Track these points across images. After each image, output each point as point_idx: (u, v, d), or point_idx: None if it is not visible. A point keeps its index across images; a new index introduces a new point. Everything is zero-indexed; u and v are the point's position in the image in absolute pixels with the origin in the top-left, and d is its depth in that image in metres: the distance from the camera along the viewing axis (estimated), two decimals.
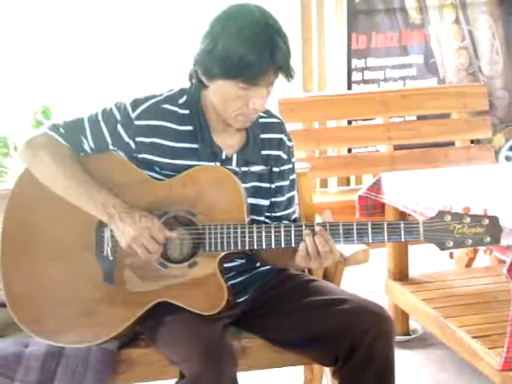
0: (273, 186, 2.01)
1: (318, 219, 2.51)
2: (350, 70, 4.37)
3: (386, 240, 1.79)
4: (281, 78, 1.84)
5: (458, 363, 2.82)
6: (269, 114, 2.04)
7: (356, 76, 4.39)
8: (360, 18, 4.33)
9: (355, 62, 4.37)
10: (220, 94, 1.83)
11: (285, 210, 2.05)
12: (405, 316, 3.12)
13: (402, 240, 1.79)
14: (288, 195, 2.05)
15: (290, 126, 2.09)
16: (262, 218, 2.00)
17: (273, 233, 1.82)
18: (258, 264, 2.05)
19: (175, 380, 1.81)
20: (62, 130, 1.92)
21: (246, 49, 1.74)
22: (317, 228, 1.79)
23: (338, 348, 1.85)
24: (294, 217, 2.09)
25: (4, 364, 1.91)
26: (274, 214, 2.03)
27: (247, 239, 1.82)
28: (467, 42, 4.52)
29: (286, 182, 2.04)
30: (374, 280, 3.47)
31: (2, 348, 1.96)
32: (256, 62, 1.74)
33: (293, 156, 2.08)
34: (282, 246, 1.82)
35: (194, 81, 1.89)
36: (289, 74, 1.82)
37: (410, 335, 3.16)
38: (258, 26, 1.76)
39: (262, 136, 2.00)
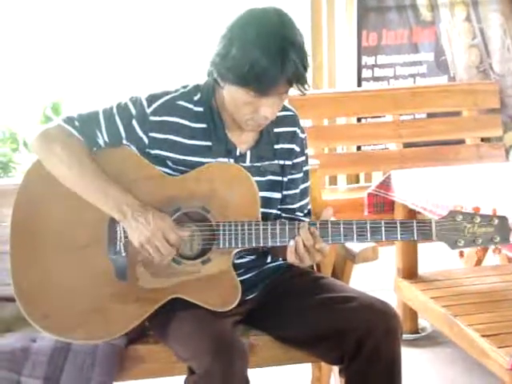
0: (285, 179, 2.01)
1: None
2: (360, 67, 4.36)
3: (399, 238, 1.80)
4: None
5: (467, 362, 2.81)
6: (282, 107, 2.02)
7: (366, 73, 4.38)
8: (370, 15, 4.32)
9: (365, 59, 4.36)
10: (232, 98, 1.82)
11: (299, 201, 2.05)
12: (414, 314, 3.11)
13: (415, 239, 1.80)
14: (301, 187, 2.05)
15: (302, 124, 2.08)
16: (275, 211, 2.00)
17: (287, 230, 1.82)
18: (267, 260, 2.04)
19: (183, 376, 1.81)
20: (76, 122, 1.90)
21: (257, 59, 1.71)
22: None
23: (345, 346, 1.84)
24: (308, 208, 2.09)
25: (11, 358, 1.91)
26: (288, 207, 2.03)
27: (261, 236, 1.82)
28: (478, 40, 4.49)
29: (300, 175, 2.04)
30: (383, 278, 3.45)
31: (9, 342, 1.97)
32: (266, 72, 1.72)
33: (306, 147, 2.07)
34: None
35: (210, 79, 1.88)
36: (301, 86, 1.80)
37: (418, 333, 3.15)
38: (272, 36, 1.73)
39: (276, 130, 1.99)
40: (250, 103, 1.79)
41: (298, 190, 2.04)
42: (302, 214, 2.06)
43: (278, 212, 2.02)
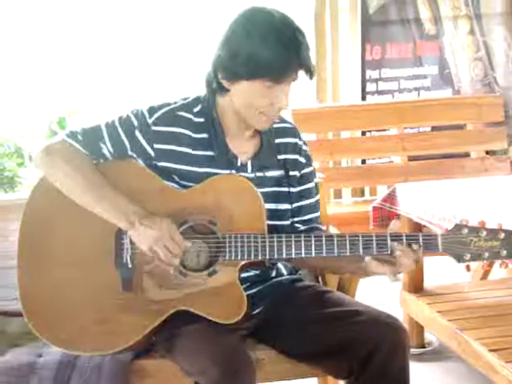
0: (293, 190, 2.01)
1: (333, 230, 2.49)
2: (364, 80, 4.36)
3: None
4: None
5: (475, 376, 2.79)
6: (281, 119, 2.05)
7: (370, 87, 4.38)
8: (374, 28, 4.33)
9: (369, 73, 4.36)
10: (244, 95, 1.84)
11: (314, 212, 2.06)
12: (420, 328, 3.10)
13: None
14: (312, 199, 2.06)
15: (303, 137, 2.10)
16: (287, 223, 2.00)
17: (293, 242, 1.82)
18: (272, 275, 2.04)
19: None
20: (80, 137, 1.92)
21: (273, 48, 1.77)
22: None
23: (353, 360, 1.83)
24: (319, 221, 2.09)
25: (17, 374, 1.91)
26: (302, 218, 2.04)
27: (267, 248, 1.83)
28: (482, 53, 4.50)
29: (312, 184, 2.06)
30: (388, 292, 3.44)
31: (15, 357, 1.97)
32: (283, 59, 1.78)
33: (311, 160, 2.09)
34: (303, 255, 1.82)
35: (213, 86, 1.89)
36: (312, 70, 1.86)
37: (425, 347, 3.13)
38: (281, 26, 1.80)
39: (277, 141, 2.01)
40: (264, 96, 1.83)
41: (313, 200, 2.06)
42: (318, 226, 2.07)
43: (297, 225, 2.02)
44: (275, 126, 2.01)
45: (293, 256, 1.83)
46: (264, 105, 1.85)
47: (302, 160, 2.04)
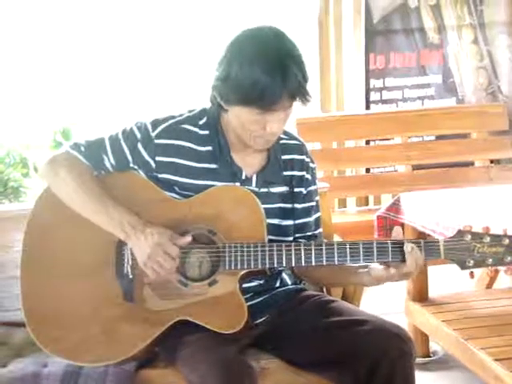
0: (298, 206, 2.01)
1: (337, 239, 2.49)
2: (368, 90, 4.37)
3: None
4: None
5: None
6: (289, 136, 2.05)
7: (374, 96, 4.38)
8: (378, 38, 4.34)
9: (373, 82, 4.37)
10: (237, 119, 1.84)
11: (318, 228, 2.06)
12: (425, 337, 3.09)
13: (423, 258, 1.78)
14: (315, 216, 2.06)
15: (308, 146, 2.10)
16: (290, 239, 2.00)
17: (293, 251, 1.82)
18: (276, 285, 2.04)
19: None
20: (82, 148, 1.94)
21: (258, 75, 1.73)
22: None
23: (358, 369, 1.83)
24: (322, 237, 2.10)
25: None
26: (306, 234, 2.04)
27: (267, 257, 1.82)
28: (486, 62, 4.50)
29: (313, 203, 2.05)
30: (393, 301, 3.43)
31: (20, 368, 1.96)
32: (268, 87, 1.73)
33: (316, 178, 2.08)
34: (303, 263, 1.82)
35: (214, 104, 1.90)
36: (303, 98, 1.81)
37: (430, 357, 3.12)
38: (269, 52, 1.75)
39: (284, 157, 2.01)
40: (256, 121, 1.81)
41: (312, 219, 2.05)
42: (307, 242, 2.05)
43: (301, 241, 2.00)
44: (282, 141, 2.01)
45: (293, 264, 1.83)
46: (256, 129, 1.83)
47: (309, 177, 2.03)
